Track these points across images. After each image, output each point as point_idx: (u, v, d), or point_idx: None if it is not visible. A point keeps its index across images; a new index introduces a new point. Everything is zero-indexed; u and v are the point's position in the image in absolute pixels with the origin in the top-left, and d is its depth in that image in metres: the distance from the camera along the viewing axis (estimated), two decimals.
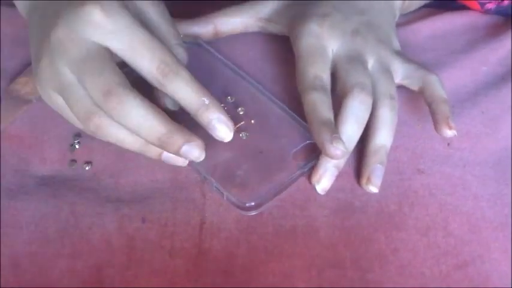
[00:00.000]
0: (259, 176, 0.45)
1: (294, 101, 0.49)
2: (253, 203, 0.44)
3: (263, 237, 0.44)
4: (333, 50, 0.48)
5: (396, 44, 0.51)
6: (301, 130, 0.47)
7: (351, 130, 0.45)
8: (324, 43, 0.48)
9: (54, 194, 0.46)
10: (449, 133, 0.46)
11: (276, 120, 0.48)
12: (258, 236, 0.44)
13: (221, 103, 0.47)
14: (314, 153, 0.46)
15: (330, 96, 0.46)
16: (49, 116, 0.49)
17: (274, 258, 0.43)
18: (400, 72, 0.49)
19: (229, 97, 0.49)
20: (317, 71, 0.47)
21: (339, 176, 0.46)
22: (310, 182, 0.45)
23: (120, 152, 0.47)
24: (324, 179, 0.45)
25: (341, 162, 0.45)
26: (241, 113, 0.48)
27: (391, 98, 0.47)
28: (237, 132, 0.46)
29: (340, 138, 0.43)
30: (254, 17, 0.53)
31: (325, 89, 0.46)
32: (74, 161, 0.48)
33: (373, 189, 0.45)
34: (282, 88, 0.51)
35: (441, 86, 0.48)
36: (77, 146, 0.49)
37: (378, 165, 0.45)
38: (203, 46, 0.52)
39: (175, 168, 0.46)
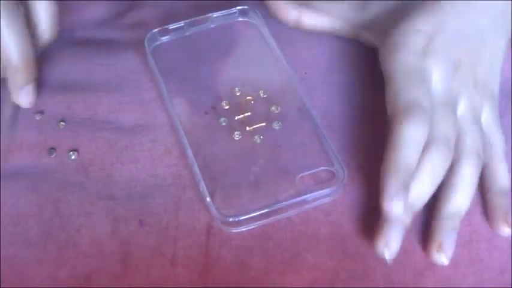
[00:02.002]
0: (256, 190, 0.41)
1: (337, 119, 0.45)
2: (240, 218, 0.39)
3: (280, 245, 0.40)
4: (433, 77, 0.43)
5: (494, 84, 0.45)
6: (321, 153, 0.42)
7: (423, 187, 0.40)
8: (426, 66, 0.43)
9: (34, 188, 0.42)
10: (506, 231, 0.41)
11: (301, 135, 0.43)
12: (274, 243, 0.40)
13: (249, 95, 0.45)
14: (324, 183, 0.41)
15: (427, 135, 0.40)
16: None
17: (293, 269, 0.40)
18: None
19: (261, 91, 0.45)
20: (419, 94, 0.41)
21: (369, 180, 0.42)
22: (376, 249, 0.39)
23: (112, 140, 0.44)
24: (394, 243, 0.39)
25: (408, 220, 0.40)
26: (276, 111, 0.44)
27: (478, 157, 0.42)
28: (252, 133, 0.43)
29: (402, 199, 0.38)
30: (346, 21, 0.48)
31: (425, 119, 0.40)
32: (53, 149, 0.44)
33: (444, 260, 0.40)
34: (331, 101, 0.46)
35: (507, 172, 0.43)
36: (61, 125, 0.45)
37: (452, 230, 0.40)
38: (260, 26, 0.48)
39: (178, 162, 0.43)
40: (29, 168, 0.43)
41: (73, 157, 0.43)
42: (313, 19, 0.49)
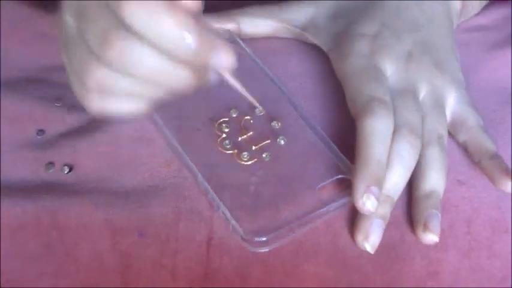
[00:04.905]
0: (276, 208, 0.40)
1: (337, 127, 0.45)
2: (264, 238, 0.39)
3: (280, 256, 0.40)
4: (387, 73, 0.44)
5: (454, 68, 0.46)
6: (335, 162, 0.42)
7: (398, 175, 0.40)
8: (377, 65, 0.44)
9: (30, 197, 0.41)
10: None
11: (308, 145, 0.43)
12: (274, 254, 0.40)
13: (246, 115, 0.44)
14: (345, 191, 0.41)
15: (392, 126, 0.41)
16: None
17: (294, 280, 0.39)
18: (451, 111, 0.45)
19: (257, 109, 0.44)
20: (377, 89, 0.42)
21: None
22: (357, 243, 0.40)
23: (111, 156, 0.44)
24: (373, 235, 0.39)
25: (386, 211, 0.40)
26: (277, 127, 0.44)
27: (438, 137, 0.42)
28: (259, 151, 0.42)
29: (373, 194, 0.38)
30: (285, 22, 0.48)
31: (387, 110, 0.41)
32: (51, 163, 0.43)
33: (434, 237, 0.39)
34: (328, 109, 0.46)
35: (490, 139, 0.44)
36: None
37: (433, 210, 0.40)
38: (239, 44, 0.47)
39: (178, 175, 0.42)
40: (25, 182, 0.42)
41: (66, 171, 0.43)
42: (251, 26, 0.49)
